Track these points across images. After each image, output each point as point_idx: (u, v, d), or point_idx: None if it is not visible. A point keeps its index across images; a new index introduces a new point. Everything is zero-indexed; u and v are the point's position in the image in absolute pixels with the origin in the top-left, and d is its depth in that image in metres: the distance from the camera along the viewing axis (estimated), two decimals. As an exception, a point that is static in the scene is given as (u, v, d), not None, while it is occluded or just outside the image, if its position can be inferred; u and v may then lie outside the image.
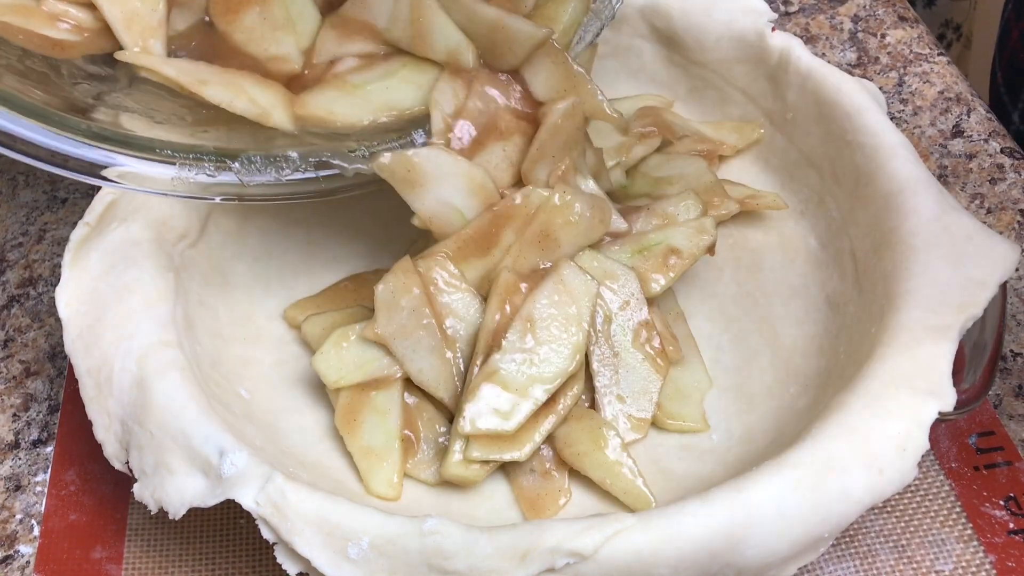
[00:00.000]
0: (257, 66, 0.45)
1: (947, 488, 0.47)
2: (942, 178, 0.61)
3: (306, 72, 0.46)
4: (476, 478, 0.44)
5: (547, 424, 0.44)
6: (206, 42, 0.46)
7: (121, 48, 0.44)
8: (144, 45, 0.44)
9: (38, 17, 0.43)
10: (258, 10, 0.45)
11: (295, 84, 0.46)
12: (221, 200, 0.45)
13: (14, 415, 0.52)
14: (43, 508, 0.48)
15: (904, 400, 0.40)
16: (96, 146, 0.42)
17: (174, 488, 0.39)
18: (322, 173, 0.45)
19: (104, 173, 0.42)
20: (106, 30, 0.44)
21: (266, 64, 0.45)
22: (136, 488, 0.41)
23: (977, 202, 0.59)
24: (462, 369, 0.46)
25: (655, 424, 0.47)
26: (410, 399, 0.46)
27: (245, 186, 0.44)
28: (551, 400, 0.45)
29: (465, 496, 0.45)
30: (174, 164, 0.43)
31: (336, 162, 0.45)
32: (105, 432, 0.42)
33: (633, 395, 0.47)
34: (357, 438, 0.45)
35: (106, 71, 0.45)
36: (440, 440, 0.46)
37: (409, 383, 0.46)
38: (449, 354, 0.46)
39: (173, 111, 0.45)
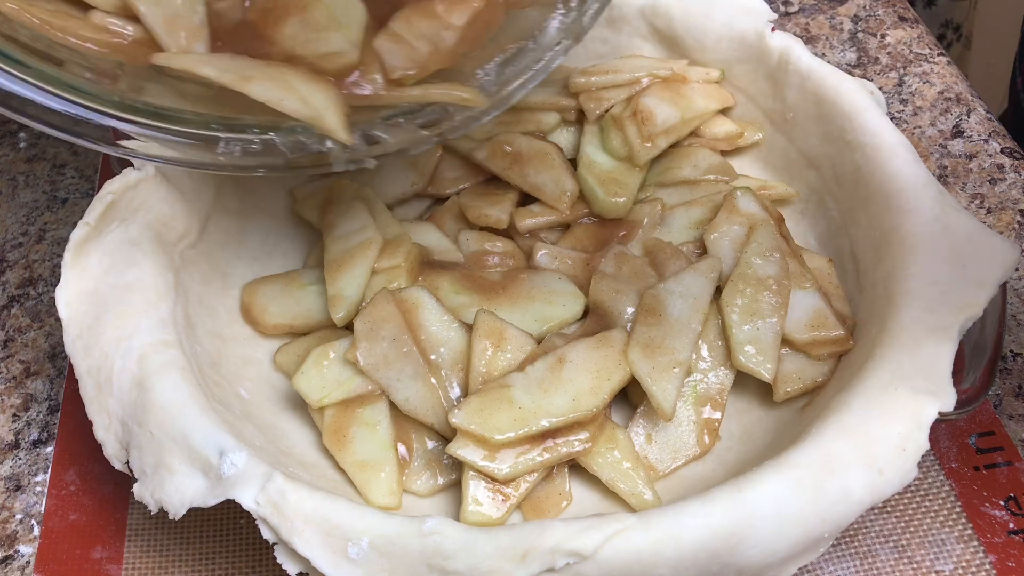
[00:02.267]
0: (307, 63, 0.44)
1: (947, 488, 0.47)
2: (942, 178, 0.61)
3: (362, 67, 0.44)
4: (501, 520, 0.43)
5: (537, 455, 0.43)
6: (249, 42, 0.44)
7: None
8: (187, 47, 0.42)
9: (86, 28, 0.42)
10: (298, 19, 0.43)
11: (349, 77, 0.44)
12: (263, 173, 0.44)
13: (14, 415, 0.52)
14: (43, 508, 0.48)
15: (904, 400, 0.40)
16: (127, 118, 0.41)
17: (174, 488, 0.39)
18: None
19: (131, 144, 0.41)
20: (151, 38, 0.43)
21: (318, 62, 0.44)
22: (136, 488, 0.41)
23: (977, 202, 0.59)
24: (450, 396, 0.45)
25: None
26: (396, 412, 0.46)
27: (289, 160, 0.43)
28: (554, 434, 0.43)
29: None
30: (219, 137, 0.42)
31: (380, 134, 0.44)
32: (105, 432, 0.42)
33: (662, 445, 0.45)
34: (349, 454, 0.44)
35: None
36: (430, 449, 0.46)
37: None
38: (434, 380, 0.45)
39: (200, 92, 0.43)
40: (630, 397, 0.47)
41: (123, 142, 0.42)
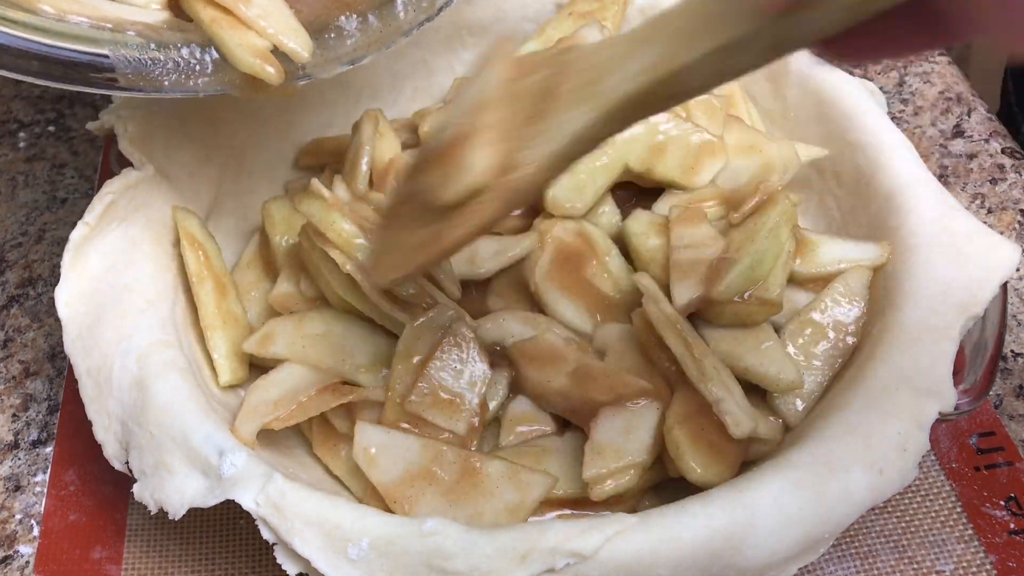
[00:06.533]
0: None
1: (948, 488, 0.47)
2: (942, 178, 0.61)
3: None
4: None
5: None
6: None
7: None
8: None
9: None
10: None
11: None
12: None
13: (14, 415, 0.52)
14: (43, 508, 0.48)
15: (904, 400, 0.40)
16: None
17: (174, 488, 0.39)
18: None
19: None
20: None
21: None
22: (136, 488, 0.41)
23: (978, 202, 0.59)
24: None
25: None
26: None
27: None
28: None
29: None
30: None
31: None
32: (105, 432, 0.42)
33: None
34: (341, 461, 0.44)
35: None
36: None
37: None
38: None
39: None
40: None
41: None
